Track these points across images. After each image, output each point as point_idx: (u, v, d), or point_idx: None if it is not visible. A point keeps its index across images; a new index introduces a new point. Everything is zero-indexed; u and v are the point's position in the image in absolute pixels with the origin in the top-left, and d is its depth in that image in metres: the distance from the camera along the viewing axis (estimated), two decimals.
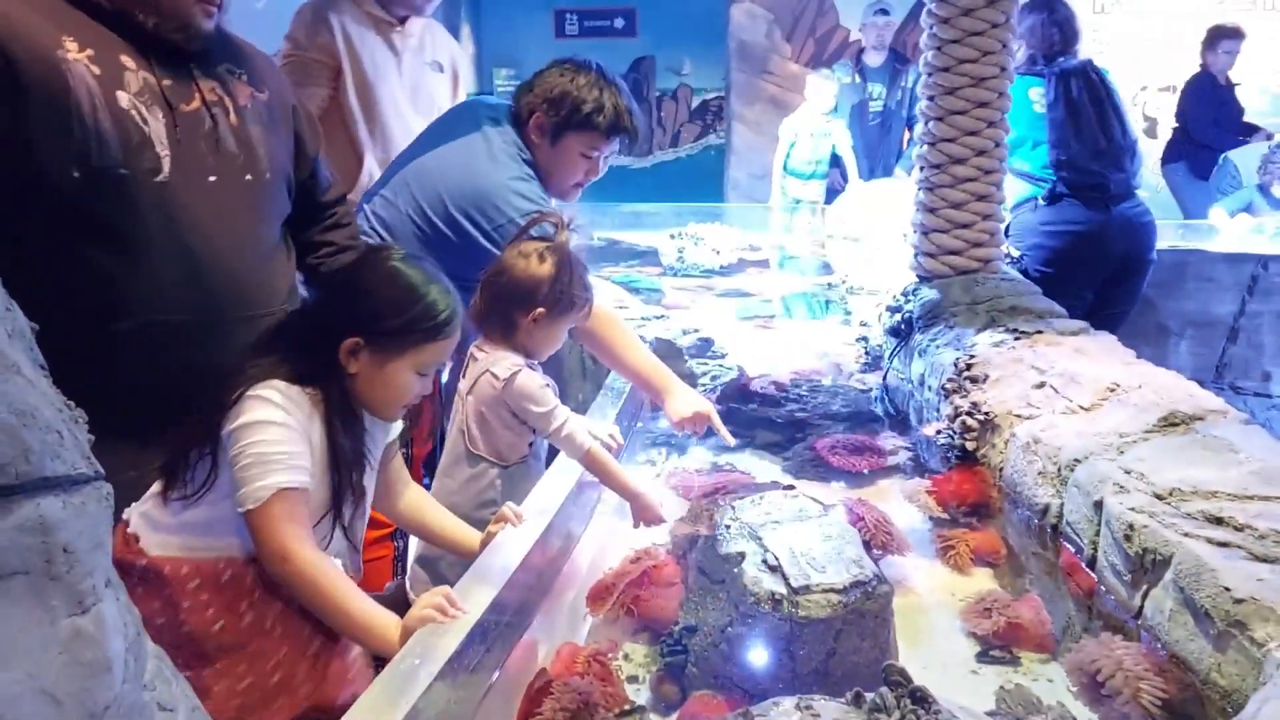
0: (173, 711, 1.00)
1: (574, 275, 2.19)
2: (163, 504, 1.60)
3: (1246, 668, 1.32)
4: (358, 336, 1.63)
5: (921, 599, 2.04)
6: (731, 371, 3.48)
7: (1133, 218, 4.11)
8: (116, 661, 0.89)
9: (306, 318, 1.72)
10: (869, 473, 2.64)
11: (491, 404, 2.18)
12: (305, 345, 1.64)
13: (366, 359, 1.64)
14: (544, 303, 2.16)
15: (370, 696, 1.30)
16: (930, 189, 3.28)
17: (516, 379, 2.13)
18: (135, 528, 1.60)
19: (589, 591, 1.94)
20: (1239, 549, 1.46)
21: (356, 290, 1.68)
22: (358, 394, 1.66)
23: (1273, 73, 7.78)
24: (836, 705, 1.11)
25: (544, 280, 2.16)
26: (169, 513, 1.59)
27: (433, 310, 1.66)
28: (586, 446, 2.15)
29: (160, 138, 1.71)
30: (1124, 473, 1.77)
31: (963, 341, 2.77)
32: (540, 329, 2.19)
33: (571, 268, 2.18)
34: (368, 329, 1.63)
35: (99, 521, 0.91)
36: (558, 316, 2.20)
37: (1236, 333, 4.57)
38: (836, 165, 6.95)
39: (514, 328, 2.19)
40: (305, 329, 1.67)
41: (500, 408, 2.18)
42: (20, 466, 0.82)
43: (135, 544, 1.58)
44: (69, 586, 0.85)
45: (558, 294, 2.17)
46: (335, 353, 1.62)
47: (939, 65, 3.17)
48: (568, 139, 2.62)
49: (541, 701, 1.58)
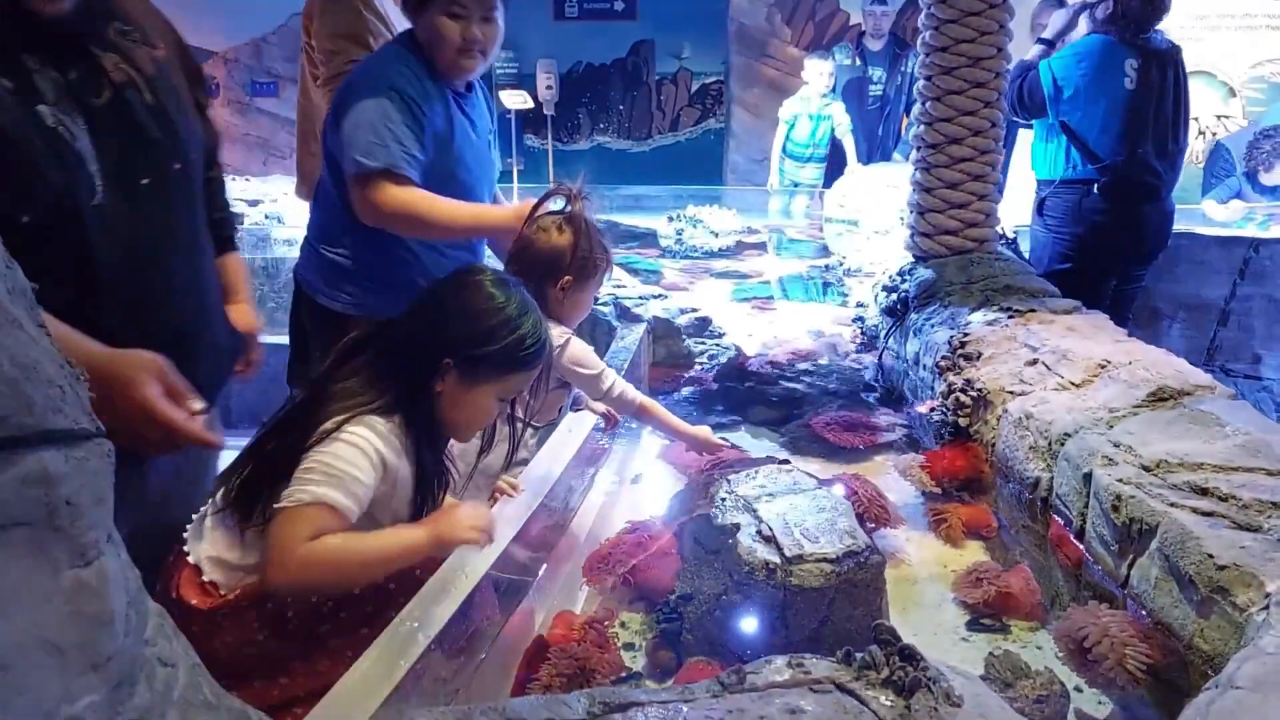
0: (174, 667, 1.01)
1: (592, 240, 2.28)
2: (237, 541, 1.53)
3: (1229, 632, 1.34)
4: (449, 358, 1.60)
5: (914, 570, 2.06)
6: (729, 351, 3.50)
7: (1168, 214, 4.01)
8: (118, 615, 0.91)
9: (399, 338, 1.64)
10: (863, 449, 2.67)
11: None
12: (397, 367, 1.59)
13: (454, 380, 1.60)
14: (570, 270, 2.25)
15: (368, 660, 1.32)
16: (926, 169, 3.29)
17: (569, 346, 2.23)
18: (211, 575, 1.52)
19: (586, 561, 1.96)
20: (1223, 518, 1.48)
21: (452, 313, 1.63)
22: (438, 413, 1.63)
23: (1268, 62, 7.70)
24: (827, 663, 1.13)
25: (566, 249, 2.24)
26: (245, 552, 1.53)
27: (526, 340, 1.63)
28: (639, 401, 2.33)
29: (89, 152, 1.46)
30: (1113, 446, 1.79)
31: (957, 320, 2.79)
32: (569, 297, 2.28)
33: (589, 233, 2.27)
34: (461, 352, 1.59)
35: (101, 477, 0.92)
36: (584, 281, 2.29)
37: (1227, 316, 4.59)
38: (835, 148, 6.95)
39: (544, 299, 2.25)
40: (398, 350, 1.61)
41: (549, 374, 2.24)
42: (23, 419, 0.83)
43: (217, 591, 1.51)
44: (71, 539, 0.86)
45: (581, 260, 2.26)
46: (428, 375, 1.59)
47: (936, 45, 3.17)
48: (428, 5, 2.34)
49: (539, 668, 1.61)
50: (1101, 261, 3.89)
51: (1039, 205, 4.03)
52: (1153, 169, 3.82)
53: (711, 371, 3.30)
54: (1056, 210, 3.95)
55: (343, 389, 1.56)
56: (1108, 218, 3.84)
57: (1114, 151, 3.78)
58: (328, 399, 1.54)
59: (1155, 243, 4.02)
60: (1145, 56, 3.76)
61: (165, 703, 0.98)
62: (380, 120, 2.23)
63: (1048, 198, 3.97)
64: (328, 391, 1.56)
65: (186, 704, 1.00)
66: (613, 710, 1.05)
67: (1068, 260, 3.90)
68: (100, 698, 0.88)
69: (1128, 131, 3.77)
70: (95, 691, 0.87)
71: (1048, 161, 3.99)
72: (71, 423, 0.89)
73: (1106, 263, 3.91)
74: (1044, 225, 4.01)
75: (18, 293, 0.93)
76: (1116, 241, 3.87)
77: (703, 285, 4.77)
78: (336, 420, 1.49)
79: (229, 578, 1.52)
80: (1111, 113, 3.77)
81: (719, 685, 1.10)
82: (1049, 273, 3.81)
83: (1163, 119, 3.82)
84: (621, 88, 9.74)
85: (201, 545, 1.56)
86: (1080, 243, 3.89)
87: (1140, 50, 3.76)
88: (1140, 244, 3.95)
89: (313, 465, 1.45)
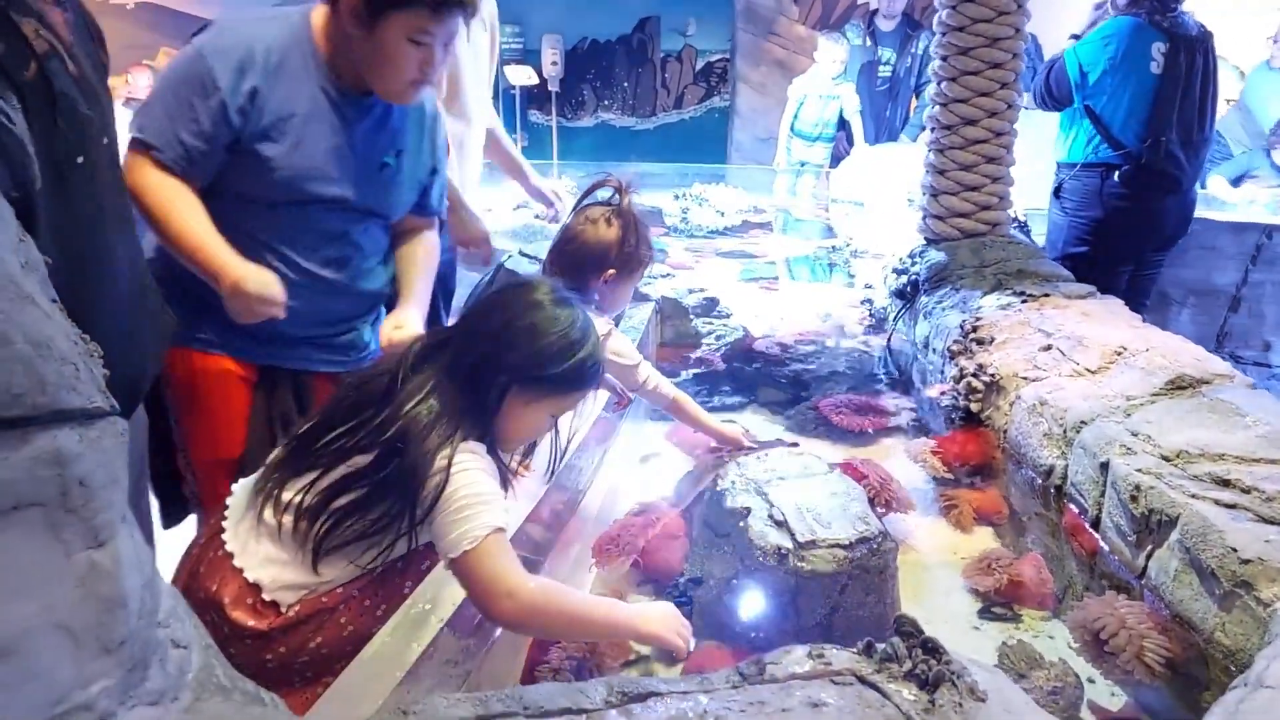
0: (186, 649, 1.00)
1: (639, 235, 2.26)
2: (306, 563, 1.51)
3: (1251, 627, 1.33)
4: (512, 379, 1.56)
5: (924, 556, 2.05)
6: (736, 332, 3.48)
7: (1190, 203, 3.96)
8: (132, 597, 0.89)
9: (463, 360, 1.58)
10: (871, 432, 2.65)
11: None
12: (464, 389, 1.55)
13: (513, 398, 1.57)
14: (615, 264, 2.24)
15: (382, 640, 1.30)
16: (940, 150, 3.26)
17: (611, 336, 2.22)
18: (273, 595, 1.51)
19: (595, 542, 1.94)
20: (1246, 510, 1.47)
21: (518, 334, 1.58)
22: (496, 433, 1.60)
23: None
24: (848, 654, 1.11)
25: (613, 243, 2.23)
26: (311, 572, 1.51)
27: (587, 363, 1.60)
28: (672, 395, 2.32)
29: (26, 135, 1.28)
30: (1131, 434, 1.77)
31: (969, 304, 2.76)
32: (611, 289, 2.27)
33: (637, 229, 2.26)
34: (524, 374, 1.56)
35: (114, 457, 0.90)
36: (627, 275, 2.27)
37: (1238, 302, 4.56)
38: (844, 129, 6.91)
39: (587, 291, 2.25)
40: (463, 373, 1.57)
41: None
42: (37, 398, 0.81)
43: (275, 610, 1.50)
44: (84, 520, 0.84)
45: (626, 254, 2.24)
46: (496, 398, 1.56)
47: (953, 24, 3.13)
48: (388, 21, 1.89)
49: (549, 650, 1.59)
50: (1118, 248, 3.83)
51: (1057, 188, 3.96)
52: (1175, 158, 3.74)
53: (719, 352, 3.28)
54: (1075, 194, 3.88)
55: (419, 415, 1.51)
56: (1127, 204, 3.77)
57: (1138, 138, 3.70)
58: (412, 428, 1.49)
59: (1175, 231, 3.97)
60: (1173, 40, 3.66)
61: (179, 685, 0.96)
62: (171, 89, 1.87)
63: (1066, 181, 3.91)
64: (400, 418, 1.51)
65: (200, 686, 0.99)
66: (631, 700, 1.03)
67: (1083, 244, 3.84)
68: (113, 682, 0.86)
69: (1152, 118, 3.69)
70: (108, 675, 0.86)
71: (1068, 145, 3.93)
72: (85, 401, 0.87)
73: (1123, 249, 3.85)
74: (1061, 209, 3.95)
75: (31, 267, 0.91)
76: (1134, 228, 3.82)
77: (709, 264, 4.75)
78: (444, 455, 1.47)
79: (291, 596, 1.51)
80: (1137, 98, 3.69)
81: (739, 676, 1.08)
82: (1063, 256, 3.78)
83: (1189, 106, 3.72)
84: (627, 64, 9.68)
85: (256, 562, 1.53)
86: (1098, 228, 3.83)
87: (1169, 34, 3.66)
88: (1159, 232, 3.90)
89: (463, 503, 1.43)
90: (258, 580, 1.50)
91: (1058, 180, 3.97)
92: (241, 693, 1.02)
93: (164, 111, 1.87)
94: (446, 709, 0.98)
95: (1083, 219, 3.86)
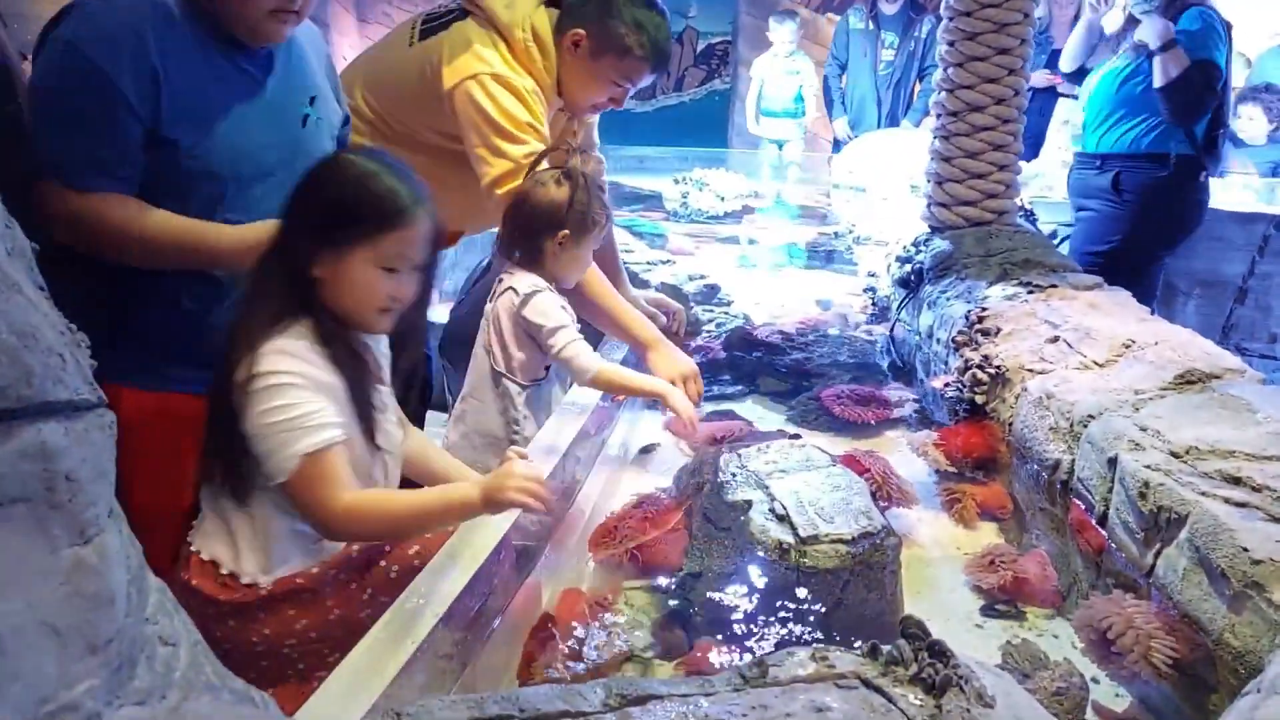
0: (175, 646, 0.97)
1: (590, 195, 2.24)
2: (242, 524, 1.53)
3: (1262, 629, 1.30)
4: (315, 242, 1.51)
5: (926, 551, 2.02)
6: (737, 319, 3.45)
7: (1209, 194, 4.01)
8: (119, 593, 0.87)
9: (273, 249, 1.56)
10: (874, 424, 2.62)
11: (511, 319, 2.23)
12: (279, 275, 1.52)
13: (325, 261, 1.51)
14: (567, 224, 2.22)
15: (375, 637, 1.28)
16: (946, 137, 3.22)
17: (535, 296, 2.19)
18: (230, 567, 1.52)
19: (592, 535, 1.92)
20: (1257, 509, 1.44)
21: (305, 195, 1.54)
22: (331, 306, 1.54)
23: None
24: (852, 657, 1.09)
25: (563, 203, 2.21)
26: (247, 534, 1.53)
27: (380, 192, 1.52)
28: (593, 369, 2.17)
29: None
30: (1139, 430, 1.74)
31: (974, 294, 2.73)
32: (566, 252, 2.25)
33: (588, 188, 2.23)
34: (322, 231, 1.51)
35: (102, 450, 0.88)
36: (581, 236, 2.25)
37: (1245, 293, 4.52)
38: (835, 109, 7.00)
39: (540, 253, 2.25)
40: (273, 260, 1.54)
41: (517, 325, 2.22)
42: (22, 390, 0.78)
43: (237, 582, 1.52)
44: (71, 516, 0.82)
45: (578, 214, 2.22)
46: (300, 264, 1.51)
47: (960, 9, 3.09)
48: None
49: (547, 645, 1.57)
50: (1173, 238, 3.88)
51: (1113, 180, 3.92)
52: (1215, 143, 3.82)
53: (719, 340, 3.25)
54: (1139, 185, 3.87)
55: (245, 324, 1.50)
56: (1198, 195, 3.84)
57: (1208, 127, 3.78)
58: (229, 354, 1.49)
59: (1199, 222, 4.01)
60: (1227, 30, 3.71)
61: (166, 684, 0.94)
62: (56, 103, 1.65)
63: (1125, 172, 3.89)
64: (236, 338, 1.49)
65: (188, 685, 0.96)
66: (630, 703, 1.01)
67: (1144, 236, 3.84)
68: (99, 681, 0.84)
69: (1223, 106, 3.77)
70: (94, 675, 0.83)
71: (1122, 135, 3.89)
72: (72, 393, 0.85)
73: (1178, 239, 3.90)
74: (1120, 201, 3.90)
75: (17, 253, 0.88)
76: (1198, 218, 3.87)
77: (709, 250, 4.72)
78: (246, 365, 1.44)
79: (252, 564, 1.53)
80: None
81: (740, 678, 1.06)
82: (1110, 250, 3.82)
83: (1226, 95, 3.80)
84: None
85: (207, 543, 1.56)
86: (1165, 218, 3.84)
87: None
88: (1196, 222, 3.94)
89: (261, 431, 1.43)
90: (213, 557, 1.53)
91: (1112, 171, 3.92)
92: (231, 691, 0.99)
93: (60, 133, 1.63)
94: (441, 710, 0.96)
95: (1153, 209, 3.83)
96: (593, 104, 2.54)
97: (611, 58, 2.40)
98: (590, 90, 2.48)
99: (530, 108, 2.35)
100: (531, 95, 2.36)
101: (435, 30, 2.43)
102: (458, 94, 2.33)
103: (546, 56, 2.41)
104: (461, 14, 2.42)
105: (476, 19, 2.40)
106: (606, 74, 2.44)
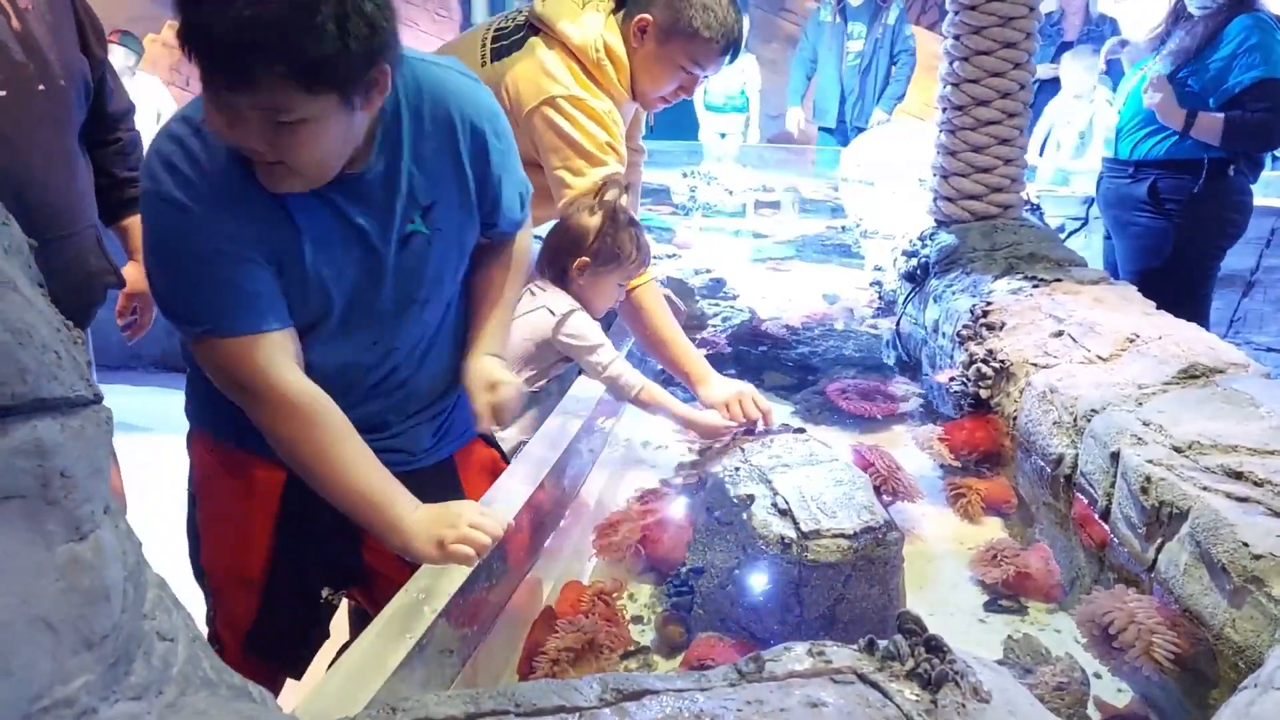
0: (172, 641, 0.98)
1: (619, 229, 2.27)
2: None
3: (1262, 624, 1.30)
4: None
5: (930, 546, 2.02)
6: (743, 313, 3.45)
7: None
8: (115, 590, 0.87)
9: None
10: (880, 418, 2.62)
11: (542, 338, 2.24)
12: None
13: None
14: (588, 252, 2.26)
15: (374, 632, 1.28)
16: (952, 131, 3.21)
17: (571, 316, 2.23)
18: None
19: (595, 529, 1.92)
20: (1258, 504, 1.43)
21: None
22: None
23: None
24: (849, 652, 1.08)
25: (591, 231, 2.26)
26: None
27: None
28: (639, 385, 2.22)
29: None
30: (1142, 424, 1.73)
31: (980, 288, 2.73)
32: (586, 279, 2.29)
33: (616, 222, 2.27)
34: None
35: (98, 446, 0.88)
36: (600, 267, 2.28)
37: (1252, 286, 4.51)
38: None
39: (565, 275, 2.30)
40: None
41: (546, 344, 2.24)
42: (16, 387, 0.79)
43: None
44: (66, 512, 0.83)
45: (602, 244, 2.26)
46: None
47: (965, 3, 3.08)
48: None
49: (546, 640, 1.57)
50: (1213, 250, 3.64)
51: (1150, 189, 3.64)
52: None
53: (725, 334, 3.25)
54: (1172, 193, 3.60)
55: None
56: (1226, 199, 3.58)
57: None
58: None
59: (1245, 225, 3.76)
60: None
61: (163, 679, 0.94)
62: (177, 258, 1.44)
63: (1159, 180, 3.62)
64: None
65: (185, 680, 0.97)
66: (626, 698, 1.01)
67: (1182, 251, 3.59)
68: (95, 677, 0.84)
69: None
70: (90, 671, 0.84)
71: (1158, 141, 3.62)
72: (68, 390, 0.85)
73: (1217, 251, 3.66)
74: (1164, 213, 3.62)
75: (13, 250, 0.88)
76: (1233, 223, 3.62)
77: (717, 243, 4.72)
78: None
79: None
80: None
81: (736, 673, 1.06)
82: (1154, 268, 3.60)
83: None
84: None
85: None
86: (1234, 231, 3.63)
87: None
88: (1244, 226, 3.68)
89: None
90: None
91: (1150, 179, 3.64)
92: (228, 686, 1.00)
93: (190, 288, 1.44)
94: (436, 706, 0.96)
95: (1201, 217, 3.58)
96: (662, 95, 2.46)
97: (680, 40, 2.34)
98: (660, 79, 2.42)
99: (608, 129, 2.33)
100: (608, 116, 2.33)
101: (509, 50, 2.37)
102: (536, 117, 2.30)
103: (620, 70, 2.37)
104: (531, 29, 2.38)
105: (546, 37, 2.35)
106: (675, 58, 2.37)
